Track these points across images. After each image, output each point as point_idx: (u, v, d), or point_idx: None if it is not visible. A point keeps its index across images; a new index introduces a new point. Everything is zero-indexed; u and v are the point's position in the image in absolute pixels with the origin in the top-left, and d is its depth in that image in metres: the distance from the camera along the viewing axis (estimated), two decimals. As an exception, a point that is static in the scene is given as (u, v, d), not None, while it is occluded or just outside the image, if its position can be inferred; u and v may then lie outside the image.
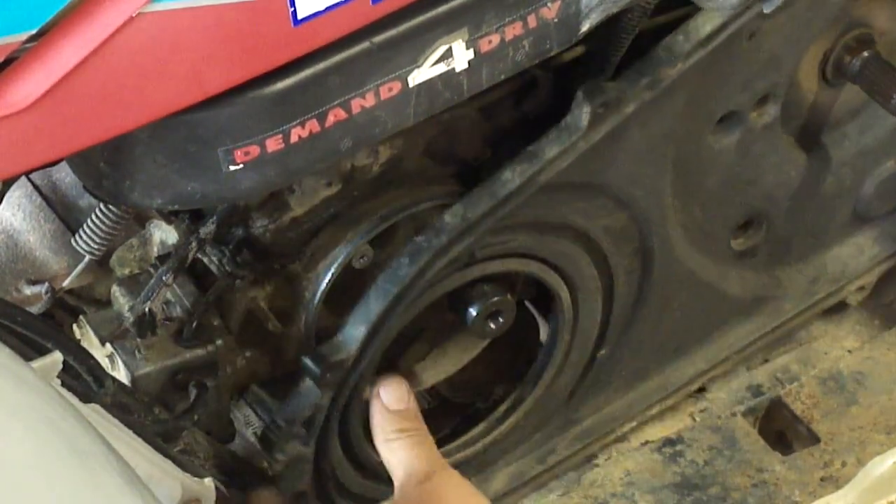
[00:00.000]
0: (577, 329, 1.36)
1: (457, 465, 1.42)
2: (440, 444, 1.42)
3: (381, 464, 1.23)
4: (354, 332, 1.17)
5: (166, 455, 1.04)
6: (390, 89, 0.98)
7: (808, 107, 1.40)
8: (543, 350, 1.39)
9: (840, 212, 1.52)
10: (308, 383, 1.18)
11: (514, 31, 1.01)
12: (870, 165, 1.48)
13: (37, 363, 0.90)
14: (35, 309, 1.25)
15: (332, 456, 1.25)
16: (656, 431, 1.55)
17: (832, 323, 1.62)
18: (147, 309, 1.15)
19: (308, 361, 1.17)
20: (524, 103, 1.27)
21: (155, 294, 1.14)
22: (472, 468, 1.43)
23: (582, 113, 1.18)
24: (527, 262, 1.28)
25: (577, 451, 1.50)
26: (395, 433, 1.16)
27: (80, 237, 1.17)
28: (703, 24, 1.20)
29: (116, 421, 0.98)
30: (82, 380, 1.05)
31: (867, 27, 1.36)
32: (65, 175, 1.23)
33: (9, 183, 1.07)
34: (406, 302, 1.18)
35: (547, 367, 1.38)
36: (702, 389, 1.58)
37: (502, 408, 1.41)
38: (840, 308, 1.61)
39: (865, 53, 1.35)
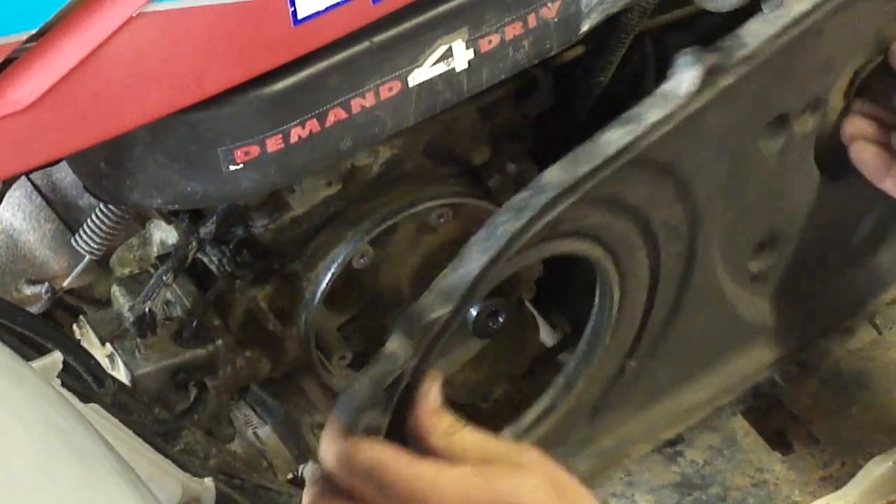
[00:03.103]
0: (616, 333, 1.33)
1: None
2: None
3: None
4: (451, 289, 1.06)
5: (166, 455, 1.04)
6: (390, 89, 0.98)
7: (833, 128, 1.38)
8: (577, 357, 1.35)
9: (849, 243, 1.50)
10: (395, 344, 1.04)
11: (514, 30, 1.01)
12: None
13: (37, 363, 0.90)
14: (35, 309, 1.25)
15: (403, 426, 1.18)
16: (656, 431, 1.55)
17: (832, 323, 1.62)
18: (147, 309, 1.15)
19: (401, 322, 1.03)
20: (524, 103, 1.27)
21: (155, 294, 1.14)
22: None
23: (687, 77, 1.12)
24: (594, 245, 1.22)
25: (592, 468, 1.43)
26: (452, 426, 1.11)
27: (80, 237, 1.17)
28: (795, 3, 1.17)
29: (116, 421, 0.98)
30: (82, 379, 1.05)
31: None
32: (65, 175, 1.23)
33: (9, 183, 1.07)
34: (506, 258, 1.09)
35: (582, 374, 1.33)
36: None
37: (531, 415, 1.38)
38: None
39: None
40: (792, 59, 1.24)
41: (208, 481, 1.06)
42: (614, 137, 1.12)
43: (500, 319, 1.28)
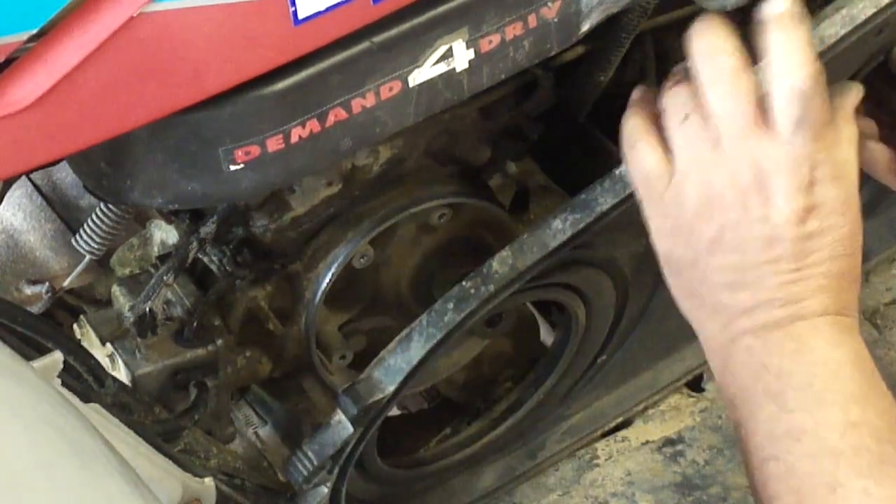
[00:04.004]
0: (585, 341, 1.36)
1: (452, 465, 1.42)
2: (439, 443, 1.42)
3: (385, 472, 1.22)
4: (394, 372, 1.13)
5: (167, 455, 1.04)
6: (391, 89, 0.98)
7: None
8: (549, 358, 1.38)
9: None
10: (341, 418, 1.14)
11: (514, 30, 1.01)
12: None
13: (37, 363, 0.90)
14: (35, 309, 1.25)
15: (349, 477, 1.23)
16: (657, 431, 1.55)
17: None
18: (147, 309, 1.15)
19: (345, 400, 1.13)
20: (524, 103, 1.27)
21: (155, 294, 1.15)
22: (465, 464, 1.43)
23: None
24: (556, 291, 1.27)
25: (567, 447, 1.50)
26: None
27: (81, 237, 1.17)
28: None
29: (117, 420, 0.98)
30: (83, 379, 1.05)
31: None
32: (65, 175, 1.23)
33: (9, 183, 1.07)
34: (447, 344, 1.15)
35: (550, 375, 1.37)
36: (702, 389, 1.58)
37: (500, 407, 1.41)
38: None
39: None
40: None
41: (209, 481, 1.06)
42: (561, 227, 1.12)
43: (500, 320, 1.28)
